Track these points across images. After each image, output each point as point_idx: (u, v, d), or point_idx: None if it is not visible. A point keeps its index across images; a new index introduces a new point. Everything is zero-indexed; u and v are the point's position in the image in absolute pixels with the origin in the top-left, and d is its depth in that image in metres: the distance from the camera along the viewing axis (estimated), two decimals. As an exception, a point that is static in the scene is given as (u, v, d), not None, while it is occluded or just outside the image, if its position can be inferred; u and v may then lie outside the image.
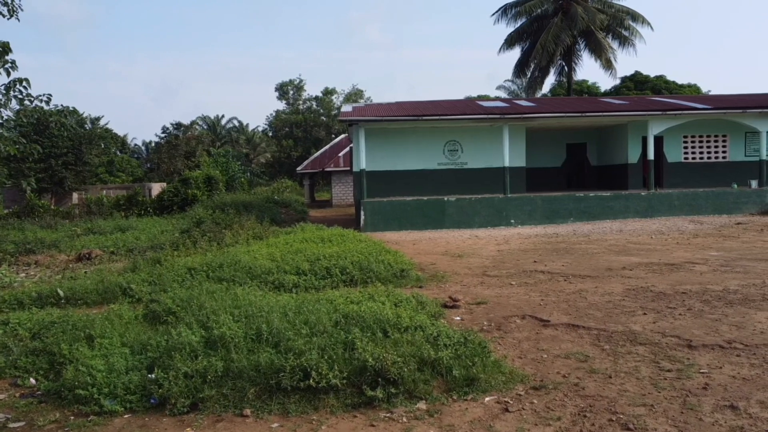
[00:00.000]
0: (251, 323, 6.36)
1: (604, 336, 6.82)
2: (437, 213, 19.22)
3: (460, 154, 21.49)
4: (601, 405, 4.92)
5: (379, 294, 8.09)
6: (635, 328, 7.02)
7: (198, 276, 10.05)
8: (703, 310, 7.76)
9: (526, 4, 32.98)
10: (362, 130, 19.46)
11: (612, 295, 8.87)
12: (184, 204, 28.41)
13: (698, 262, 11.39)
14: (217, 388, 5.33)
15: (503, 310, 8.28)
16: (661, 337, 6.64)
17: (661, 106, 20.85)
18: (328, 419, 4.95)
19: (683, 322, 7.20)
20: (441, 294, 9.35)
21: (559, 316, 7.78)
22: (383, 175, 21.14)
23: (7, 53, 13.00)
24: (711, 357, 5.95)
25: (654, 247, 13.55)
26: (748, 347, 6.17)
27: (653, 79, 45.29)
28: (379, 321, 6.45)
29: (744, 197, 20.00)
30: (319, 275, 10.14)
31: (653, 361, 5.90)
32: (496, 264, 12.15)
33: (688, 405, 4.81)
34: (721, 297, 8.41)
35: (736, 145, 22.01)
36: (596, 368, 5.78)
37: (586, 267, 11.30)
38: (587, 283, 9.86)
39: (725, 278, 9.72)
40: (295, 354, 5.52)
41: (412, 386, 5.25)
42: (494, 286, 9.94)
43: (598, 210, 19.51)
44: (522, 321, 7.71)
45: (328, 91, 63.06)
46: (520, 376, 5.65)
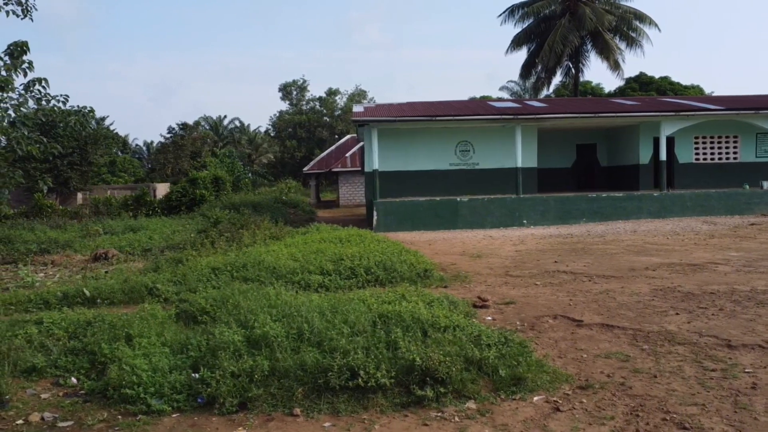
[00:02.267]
0: (291, 323, 6.36)
1: (641, 336, 6.82)
2: (450, 213, 19.23)
3: (472, 154, 21.50)
4: (651, 404, 4.93)
5: (410, 294, 8.09)
6: (671, 328, 7.03)
7: (222, 276, 10.06)
8: (735, 310, 7.76)
9: (534, 5, 33.00)
10: (375, 130, 19.47)
11: (640, 295, 8.87)
12: (192, 204, 28.40)
13: (720, 262, 11.39)
14: (264, 388, 5.33)
15: (533, 310, 8.28)
16: (698, 337, 6.64)
17: (674, 107, 20.87)
18: (379, 419, 4.95)
19: (718, 322, 7.20)
20: (467, 294, 9.35)
21: (591, 316, 7.78)
22: (395, 175, 21.14)
23: (25, 53, 12.98)
24: (753, 357, 5.95)
25: (672, 248, 13.56)
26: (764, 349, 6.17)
27: (658, 80, 45.34)
28: (418, 321, 6.45)
29: (756, 198, 20.02)
30: (343, 275, 10.15)
31: (695, 360, 5.90)
32: (517, 264, 12.16)
33: (740, 404, 4.81)
34: (750, 297, 8.41)
35: (747, 146, 22.04)
36: (639, 368, 5.78)
37: (608, 267, 11.30)
38: (612, 283, 9.86)
39: (750, 278, 9.73)
40: (341, 353, 5.51)
41: (460, 386, 5.26)
42: (519, 286, 9.94)
43: (610, 210, 19.52)
44: (554, 321, 7.71)
45: (332, 91, 63.12)
46: (564, 375, 5.65)
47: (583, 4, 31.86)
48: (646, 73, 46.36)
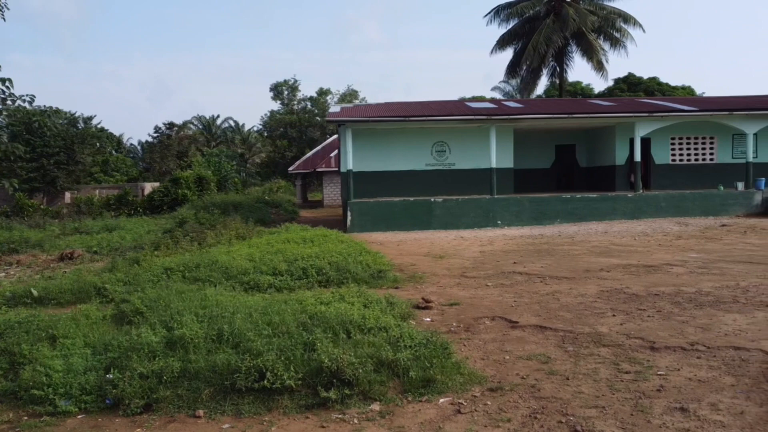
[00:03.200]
0: (214, 324, 6.34)
1: (569, 337, 6.82)
2: (424, 214, 19.22)
3: (448, 154, 21.49)
4: (553, 407, 4.92)
5: (350, 295, 8.08)
6: (602, 330, 7.02)
7: (174, 276, 10.04)
8: (672, 312, 7.75)
9: (518, 6, 32.99)
10: (349, 130, 19.46)
11: (585, 296, 8.86)
12: (174, 204, 28.39)
13: (676, 263, 11.39)
14: (172, 389, 5.31)
15: (475, 311, 8.28)
16: (625, 339, 6.63)
17: (648, 107, 20.86)
18: (279, 420, 4.94)
19: (650, 324, 7.19)
20: (416, 295, 9.33)
21: (528, 317, 7.78)
22: (371, 175, 21.12)
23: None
24: (672, 359, 5.94)
25: (636, 249, 13.56)
26: (710, 349, 6.17)
27: (646, 80, 45.34)
28: (343, 322, 6.44)
29: (731, 199, 20.02)
30: (295, 276, 10.13)
31: (614, 363, 5.89)
32: (476, 265, 12.15)
33: (640, 407, 4.80)
34: (692, 299, 8.41)
35: (724, 147, 22.05)
36: (556, 370, 5.77)
37: (565, 268, 11.29)
38: (563, 284, 9.85)
39: (700, 280, 9.73)
40: (252, 355, 5.50)
41: (367, 387, 5.25)
42: (470, 288, 9.93)
43: (585, 211, 19.51)
44: (491, 322, 7.71)
45: (323, 91, 62.98)
46: (479, 377, 5.65)
47: (567, 5, 31.86)
48: (634, 74, 46.36)
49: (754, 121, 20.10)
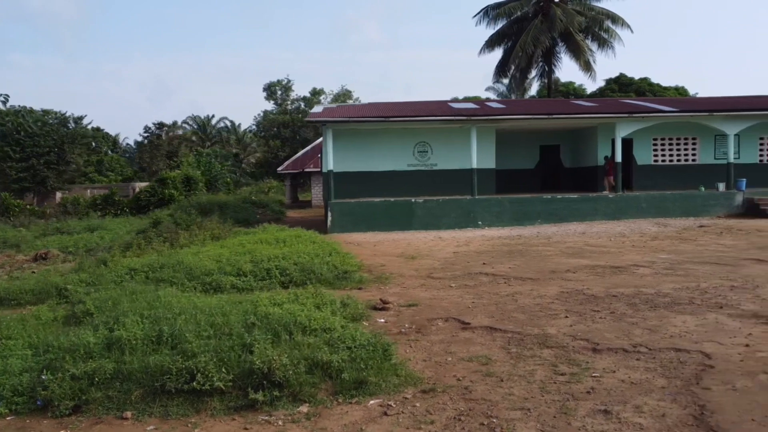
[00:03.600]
0: (156, 325, 6.32)
1: (516, 339, 6.82)
2: (405, 214, 19.21)
3: (430, 155, 21.48)
4: (480, 409, 4.91)
5: (305, 296, 8.06)
6: (550, 331, 7.02)
7: (137, 277, 10.03)
8: (625, 313, 7.75)
9: (506, 6, 32.97)
10: (330, 131, 19.45)
11: (544, 297, 8.86)
12: (160, 204, 28.34)
13: (644, 265, 11.39)
14: (104, 390, 5.30)
15: (431, 312, 8.28)
16: (571, 341, 6.63)
17: (629, 108, 20.86)
18: (205, 422, 4.93)
19: (600, 326, 7.19)
20: (378, 296, 9.33)
21: (482, 318, 7.78)
22: (354, 176, 21.11)
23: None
24: (610, 361, 5.94)
25: (608, 250, 13.56)
26: (652, 351, 6.17)
27: (637, 81, 45.38)
28: (287, 324, 6.42)
29: (712, 200, 20.03)
30: (258, 277, 10.12)
31: (552, 364, 5.89)
32: (446, 266, 12.14)
33: (565, 409, 4.80)
34: (649, 300, 8.41)
35: (706, 148, 22.06)
36: (493, 371, 5.77)
37: (533, 269, 11.29)
38: (526, 285, 9.85)
39: (663, 281, 9.73)
40: (185, 356, 5.49)
41: (298, 389, 5.24)
42: (434, 288, 9.93)
43: (566, 212, 19.51)
44: (444, 323, 7.71)
45: (316, 91, 62.98)
46: (415, 379, 5.64)
47: (554, 6, 31.86)
48: (626, 75, 46.42)
49: (734, 122, 20.10)
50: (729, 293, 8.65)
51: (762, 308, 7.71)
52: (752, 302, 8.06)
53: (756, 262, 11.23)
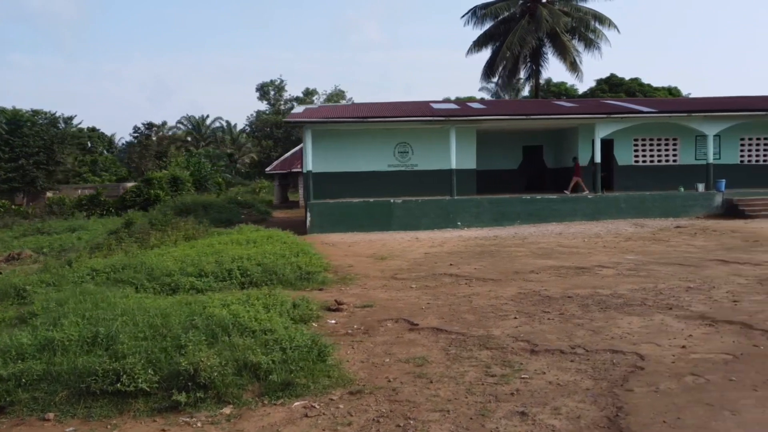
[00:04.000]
0: (94, 326, 6.32)
1: (459, 340, 6.82)
2: (384, 215, 19.21)
3: (411, 155, 21.48)
4: (401, 410, 4.92)
5: (256, 297, 8.05)
6: (495, 333, 7.03)
7: (99, 277, 10.02)
8: (575, 314, 7.76)
9: (493, 7, 32.97)
10: (309, 131, 19.45)
11: (500, 298, 8.86)
12: (146, 204, 28.33)
13: (609, 266, 11.40)
14: (30, 392, 5.29)
15: (384, 313, 8.29)
16: (512, 342, 6.64)
17: (608, 109, 20.88)
18: (125, 423, 4.93)
19: (546, 327, 7.20)
20: (338, 296, 9.34)
21: (432, 319, 7.78)
22: (335, 176, 21.10)
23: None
24: (544, 362, 5.95)
25: (579, 251, 13.56)
26: (588, 353, 6.17)
27: (628, 81, 45.43)
28: (225, 325, 6.41)
29: (691, 200, 20.04)
30: (219, 277, 10.10)
31: (486, 366, 5.89)
32: (413, 267, 12.14)
33: (484, 411, 4.80)
34: (602, 301, 8.42)
35: (687, 149, 22.07)
36: (426, 373, 5.77)
37: (497, 270, 11.29)
38: (486, 286, 9.85)
39: (622, 282, 9.74)
40: (113, 357, 5.49)
41: (223, 390, 5.24)
42: (394, 289, 9.93)
43: (545, 212, 19.51)
44: (393, 324, 7.72)
45: (309, 91, 62.99)
46: (347, 380, 5.64)
47: (541, 6, 31.87)
48: (616, 75, 46.47)
49: (713, 122, 20.12)
50: (683, 294, 8.66)
51: (711, 309, 7.72)
52: (703, 303, 8.07)
53: (720, 263, 11.24)
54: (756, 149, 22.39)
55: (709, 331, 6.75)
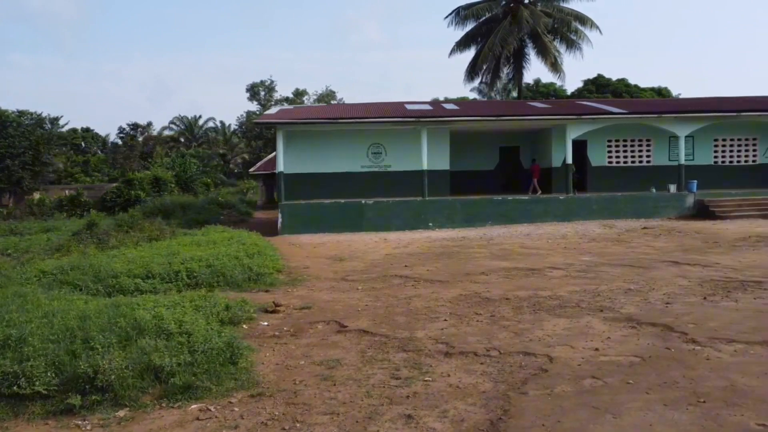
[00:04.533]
0: (9, 329, 6.31)
1: (380, 342, 6.84)
2: (356, 216, 19.23)
3: (384, 156, 21.50)
4: (293, 413, 4.92)
5: (189, 299, 8.06)
6: (418, 335, 7.04)
7: (45, 279, 10.02)
8: (504, 316, 7.78)
9: (475, 7, 33.01)
10: (281, 132, 19.47)
11: (438, 300, 8.88)
12: (126, 205, 28.30)
13: (561, 267, 11.42)
14: (-70, 395, 5.29)
15: (319, 315, 8.30)
16: (432, 344, 6.66)
17: (579, 110, 20.92)
18: (18, 426, 4.93)
19: (471, 329, 7.22)
20: (283, 298, 9.38)
21: (363, 322, 7.79)
22: (309, 177, 21.14)
23: None
24: (455, 365, 5.96)
25: (538, 252, 13.58)
26: (501, 355, 6.19)
27: (615, 82, 45.52)
28: (142, 328, 6.41)
29: (663, 201, 20.08)
30: (166, 279, 10.11)
31: (396, 368, 5.90)
32: (369, 268, 12.16)
33: (372, 414, 4.81)
34: (538, 303, 8.43)
35: (660, 150, 22.11)
36: (333, 375, 5.78)
37: (449, 272, 11.31)
38: (432, 288, 9.87)
39: (567, 284, 9.76)
40: (17, 360, 5.49)
41: (121, 393, 5.24)
42: (339, 291, 9.95)
43: (517, 214, 19.54)
44: (323, 326, 7.73)
45: (299, 92, 62.95)
46: (252, 383, 5.64)
47: (523, 7, 31.90)
48: (603, 75, 46.54)
49: (684, 123, 20.16)
50: (620, 296, 8.69)
51: (641, 311, 7.75)
52: (636, 305, 8.09)
53: (671, 265, 11.27)
54: (730, 150, 22.45)
55: (629, 334, 6.77)
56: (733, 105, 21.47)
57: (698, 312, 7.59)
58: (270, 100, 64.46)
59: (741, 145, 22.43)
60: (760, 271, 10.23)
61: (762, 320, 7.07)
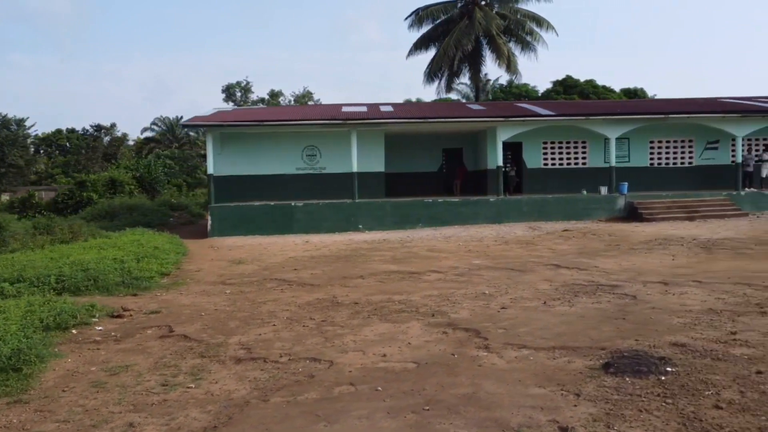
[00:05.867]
0: None
1: (187, 348, 6.86)
2: (286, 218, 19.24)
3: (319, 159, 21.53)
4: (31, 419, 4.94)
5: (23, 304, 8.09)
6: (231, 341, 7.07)
7: None
8: (334, 321, 7.81)
9: (432, 8, 33.09)
10: (210, 135, 19.48)
11: (290, 305, 8.91)
12: (78, 206, 28.30)
13: (443, 271, 11.46)
14: None
15: (160, 320, 8.33)
16: (234, 350, 6.68)
17: (508, 112, 20.98)
18: None
19: (288, 335, 7.25)
20: (151, 302, 9.53)
21: (193, 327, 7.82)
22: (244, 179, 21.15)
23: None
24: (235, 371, 5.97)
25: (439, 255, 13.62)
26: (291, 361, 6.21)
27: (582, 83, 45.57)
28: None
29: (594, 203, 20.15)
30: (35, 283, 10.11)
31: (174, 375, 5.92)
32: (257, 271, 12.20)
33: (98, 422, 4.82)
34: (380, 308, 8.45)
35: (596, 152, 22.17)
36: (108, 382, 5.79)
37: (330, 276, 11.34)
38: (295, 292, 9.92)
39: (430, 288, 9.81)
40: None
41: None
42: (206, 295, 9.99)
43: (448, 216, 19.58)
44: (152, 332, 7.76)
45: (275, 93, 62.96)
46: (21, 389, 5.63)
47: (477, 8, 31.97)
48: (572, 76, 46.61)
49: (614, 126, 20.24)
50: (466, 301, 8.72)
51: (470, 316, 7.78)
52: (471, 310, 8.13)
53: (551, 268, 11.33)
54: (666, 152, 22.54)
55: (434, 339, 6.80)
56: (666, 107, 21.56)
57: (523, 317, 7.63)
58: (246, 101, 64.51)
59: (677, 147, 22.53)
60: (626, 275, 10.29)
61: (574, 326, 7.11)
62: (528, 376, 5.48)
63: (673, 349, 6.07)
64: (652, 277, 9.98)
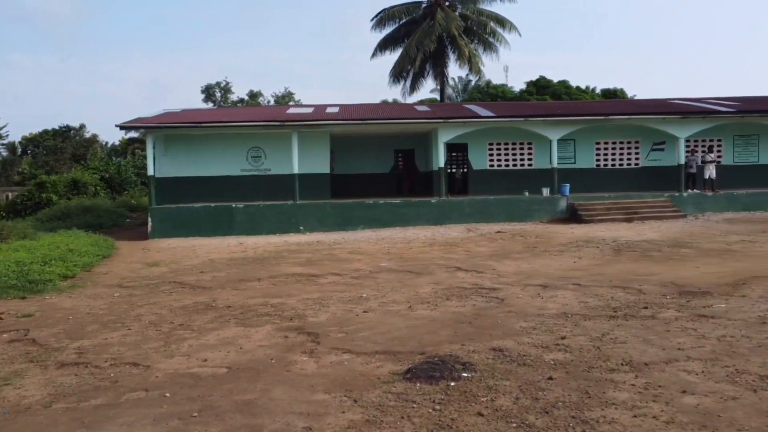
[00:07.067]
0: None
1: (27, 352, 6.91)
2: (226, 219, 19.24)
3: (264, 160, 21.55)
4: None
5: None
6: (73, 345, 7.10)
7: None
8: (190, 326, 7.83)
9: (395, 9, 33.14)
10: (151, 136, 19.48)
11: (164, 309, 8.92)
12: (37, 208, 28.26)
13: (346, 273, 11.48)
14: None
15: (29, 323, 8.33)
16: (68, 355, 6.70)
17: (448, 114, 21.03)
18: None
19: (135, 339, 7.27)
20: (37, 306, 9.47)
21: (51, 331, 7.83)
22: (189, 181, 21.14)
23: None
24: (50, 376, 5.99)
25: (354, 257, 13.63)
26: (112, 366, 6.23)
27: (555, 84, 45.62)
28: None
29: (536, 204, 20.19)
30: None
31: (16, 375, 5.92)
32: (164, 274, 12.21)
33: None
34: (248, 312, 8.48)
35: (542, 153, 22.19)
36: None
37: (231, 279, 11.35)
38: (183, 296, 9.92)
39: (319, 290, 9.85)
40: None
41: None
42: (92, 298, 10.00)
43: (389, 217, 19.60)
44: (8, 335, 7.74)
45: (254, 93, 62.93)
46: None
47: (440, 9, 32.02)
48: (545, 77, 46.66)
49: (554, 127, 20.29)
50: (335, 304, 8.74)
51: (326, 320, 7.81)
52: (332, 314, 8.15)
53: (451, 270, 11.36)
54: (612, 153, 22.62)
55: (271, 344, 6.81)
56: (606, 108, 21.63)
57: (376, 321, 7.66)
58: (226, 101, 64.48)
59: (623, 149, 22.60)
60: (516, 278, 10.34)
61: (416, 330, 7.13)
62: (325, 382, 5.50)
63: (488, 354, 6.10)
64: (538, 280, 10.03)
